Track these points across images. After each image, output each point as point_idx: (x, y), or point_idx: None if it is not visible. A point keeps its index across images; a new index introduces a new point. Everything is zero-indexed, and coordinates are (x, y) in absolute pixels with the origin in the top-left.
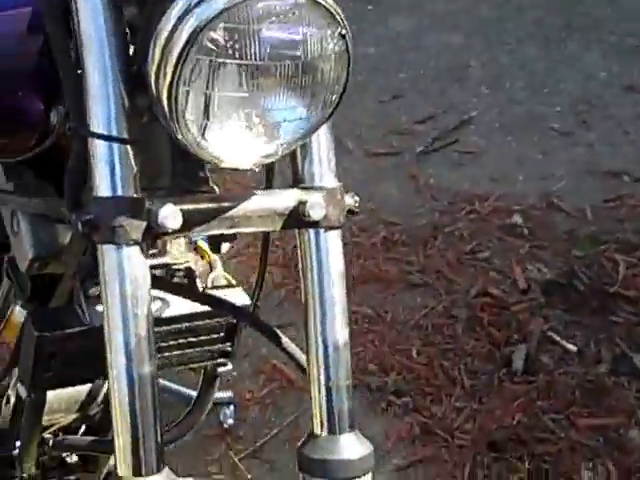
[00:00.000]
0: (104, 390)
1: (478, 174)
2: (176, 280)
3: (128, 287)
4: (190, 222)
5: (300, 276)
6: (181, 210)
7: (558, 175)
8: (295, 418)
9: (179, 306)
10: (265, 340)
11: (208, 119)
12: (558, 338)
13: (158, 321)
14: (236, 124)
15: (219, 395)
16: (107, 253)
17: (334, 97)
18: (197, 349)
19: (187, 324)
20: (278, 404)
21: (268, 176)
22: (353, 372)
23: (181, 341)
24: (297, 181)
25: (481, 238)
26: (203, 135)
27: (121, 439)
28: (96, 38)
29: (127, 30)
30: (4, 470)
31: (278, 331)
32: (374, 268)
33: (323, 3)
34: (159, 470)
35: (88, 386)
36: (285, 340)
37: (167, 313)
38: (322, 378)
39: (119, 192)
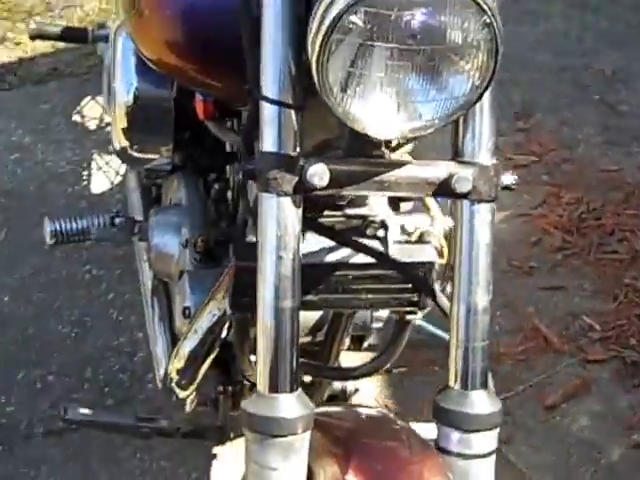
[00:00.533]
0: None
1: None
2: (370, 231)
3: (278, 232)
4: (338, 181)
5: (451, 241)
6: (330, 169)
7: None
8: (543, 379)
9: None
10: (531, 298)
11: (346, 92)
12: None
13: (347, 266)
14: (375, 100)
15: None
16: (263, 200)
17: (479, 82)
18: (384, 296)
19: (373, 271)
20: (531, 363)
21: (453, 146)
22: (612, 342)
23: (368, 286)
24: (455, 153)
25: None
26: (346, 106)
27: (262, 360)
28: (275, 11)
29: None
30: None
31: (437, 289)
32: None
33: None
34: (292, 391)
35: (313, 314)
36: (440, 296)
37: (355, 259)
38: (461, 336)
39: (280, 149)
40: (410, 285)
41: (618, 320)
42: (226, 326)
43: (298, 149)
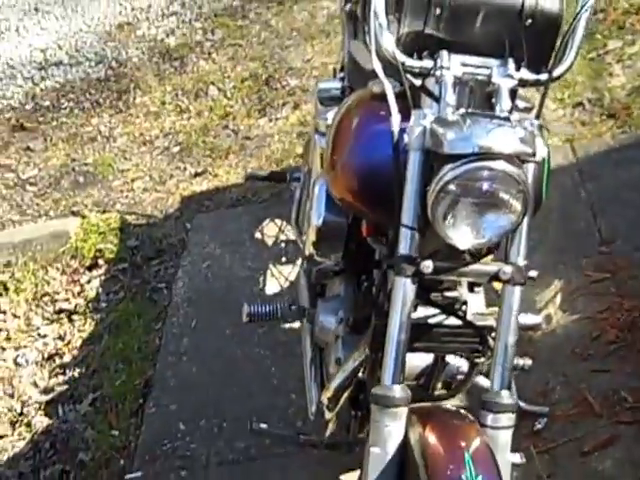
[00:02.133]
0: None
1: None
2: (457, 305)
3: (403, 298)
4: (439, 270)
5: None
6: (434, 263)
7: None
8: (583, 435)
9: (452, 320)
10: (585, 377)
11: (445, 223)
12: None
13: (442, 326)
14: (459, 228)
15: (538, 408)
16: (396, 280)
17: (515, 219)
18: (462, 345)
19: (457, 330)
20: (577, 422)
21: (504, 251)
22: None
23: (453, 339)
24: (505, 256)
25: None
26: (445, 231)
27: (385, 365)
28: (411, 187)
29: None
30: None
31: (490, 341)
32: None
33: (512, 174)
34: (400, 383)
35: (420, 365)
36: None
37: (447, 322)
38: (498, 362)
39: (408, 252)
40: (478, 339)
41: None
42: (361, 370)
43: (417, 252)
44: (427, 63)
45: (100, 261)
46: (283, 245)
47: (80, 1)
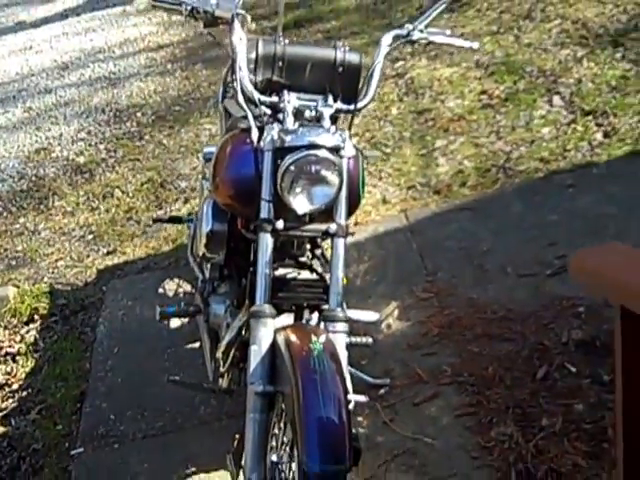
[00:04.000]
0: None
1: None
2: (307, 263)
3: (266, 249)
4: (288, 228)
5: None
6: (285, 224)
7: None
8: (415, 394)
9: (305, 274)
10: (416, 359)
11: (289, 193)
12: None
13: (296, 280)
14: (298, 197)
15: (381, 380)
16: (260, 235)
17: (336, 189)
18: (312, 295)
19: (309, 282)
20: (410, 387)
21: (333, 213)
22: (455, 376)
23: (307, 289)
24: (332, 217)
25: None
26: (289, 199)
27: (256, 291)
28: (266, 176)
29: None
30: None
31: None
32: None
33: (330, 159)
34: (268, 303)
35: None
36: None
37: (300, 276)
38: (332, 291)
39: (267, 217)
40: (321, 290)
41: (460, 366)
42: (243, 330)
43: (273, 216)
44: (275, 99)
45: (36, 317)
46: (182, 295)
47: (1, 135)
